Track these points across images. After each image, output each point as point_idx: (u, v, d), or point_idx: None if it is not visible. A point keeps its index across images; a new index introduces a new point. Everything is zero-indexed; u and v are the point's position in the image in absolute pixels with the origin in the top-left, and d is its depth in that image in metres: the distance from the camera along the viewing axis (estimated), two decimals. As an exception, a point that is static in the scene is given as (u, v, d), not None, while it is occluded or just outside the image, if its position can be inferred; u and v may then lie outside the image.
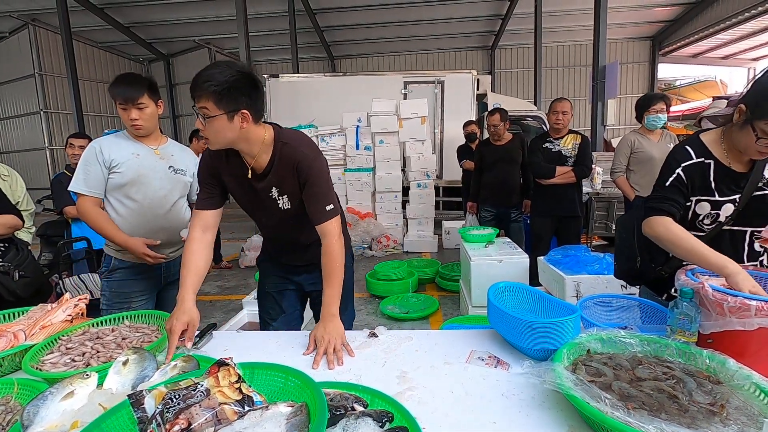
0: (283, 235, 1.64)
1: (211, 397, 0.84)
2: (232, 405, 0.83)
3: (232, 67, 1.29)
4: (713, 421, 0.82)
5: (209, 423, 0.79)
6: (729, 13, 10.45)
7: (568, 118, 3.37)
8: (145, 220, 1.92)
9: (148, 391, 0.86)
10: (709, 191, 1.37)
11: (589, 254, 2.68)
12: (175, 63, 13.71)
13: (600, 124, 6.85)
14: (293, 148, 1.43)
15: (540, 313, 1.37)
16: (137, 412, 0.82)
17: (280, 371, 0.97)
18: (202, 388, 0.86)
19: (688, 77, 15.39)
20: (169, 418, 0.79)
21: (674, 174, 1.39)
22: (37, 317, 1.39)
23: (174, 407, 0.81)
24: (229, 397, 0.85)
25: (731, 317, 1.01)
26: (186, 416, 0.80)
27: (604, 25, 6.67)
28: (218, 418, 0.81)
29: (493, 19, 11.76)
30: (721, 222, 1.37)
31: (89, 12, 10.06)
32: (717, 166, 1.37)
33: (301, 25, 10.96)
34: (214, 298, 4.59)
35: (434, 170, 6.83)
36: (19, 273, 2.03)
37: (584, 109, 12.94)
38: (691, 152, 1.39)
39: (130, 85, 1.83)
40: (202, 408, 0.82)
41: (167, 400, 0.83)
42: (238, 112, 1.30)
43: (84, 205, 1.87)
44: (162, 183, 1.94)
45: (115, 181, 1.86)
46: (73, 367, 1.15)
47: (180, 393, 0.85)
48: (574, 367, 1.02)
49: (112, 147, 1.87)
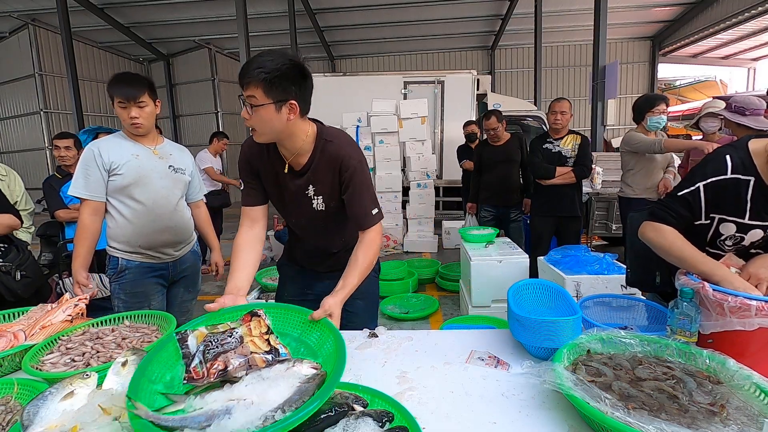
0: (311, 237, 1.57)
1: (243, 345, 0.97)
2: (261, 354, 0.95)
3: (284, 55, 1.25)
4: (713, 421, 0.82)
5: (242, 367, 0.91)
6: (729, 13, 10.45)
7: (567, 118, 3.36)
8: (151, 220, 1.92)
9: (191, 331, 1.01)
10: (740, 212, 1.19)
11: (589, 254, 2.67)
12: (175, 63, 13.69)
13: (600, 124, 6.85)
14: (337, 146, 1.38)
15: (554, 312, 1.37)
16: (183, 348, 0.97)
17: (328, 329, 1.11)
18: (237, 335, 1.00)
19: (688, 77, 15.39)
20: (209, 358, 0.92)
21: (692, 187, 1.22)
22: (37, 317, 1.39)
23: (213, 350, 0.94)
24: (259, 347, 0.97)
25: (731, 317, 1.01)
26: (223, 360, 0.92)
27: (604, 25, 6.67)
28: (249, 364, 0.92)
29: (493, 19, 11.75)
30: (745, 246, 1.24)
31: (89, 12, 10.06)
32: (759, 184, 1.16)
33: (301, 25, 10.95)
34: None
35: (434, 170, 6.83)
36: (20, 273, 2.03)
37: (584, 109, 12.95)
38: (728, 165, 1.18)
39: (130, 83, 1.82)
40: (237, 354, 0.94)
41: (207, 342, 0.97)
42: (286, 103, 1.25)
43: (84, 212, 1.86)
44: (164, 182, 1.94)
45: (116, 183, 1.85)
46: (73, 367, 1.15)
47: (218, 337, 0.99)
48: (574, 367, 1.02)
49: (111, 149, 1.85)
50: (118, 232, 1.91)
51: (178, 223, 2.02)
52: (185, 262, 2.10)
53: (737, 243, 1.24)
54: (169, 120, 13.68)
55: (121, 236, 1.91)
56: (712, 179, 1.20)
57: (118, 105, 1.83)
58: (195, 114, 13.61)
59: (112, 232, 1.93)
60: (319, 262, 1.62)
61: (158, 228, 1.94)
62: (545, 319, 1.16)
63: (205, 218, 2.29)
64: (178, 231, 2.02)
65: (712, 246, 1.29)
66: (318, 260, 1.61)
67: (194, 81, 13.32)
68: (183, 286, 2.14)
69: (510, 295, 1.35)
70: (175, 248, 2.03)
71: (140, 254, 1.94)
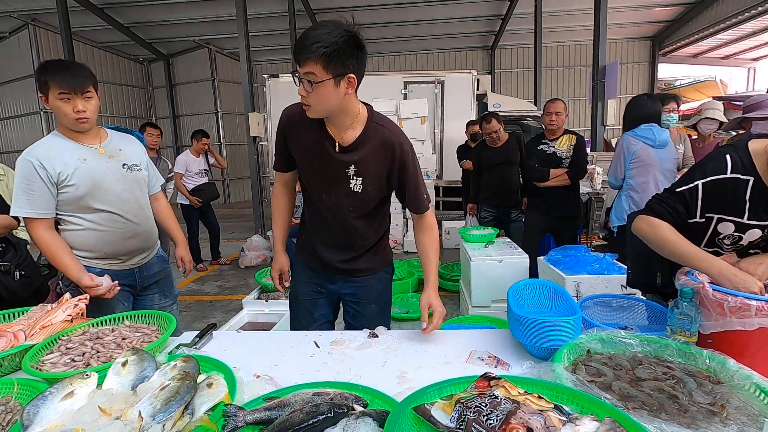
0: (334, 219, 1.50)
1: (523, 404, 0.82)
2: (553, 412, 0.81)
3: (339, 26, 1.20)
4: (713, 421, 0.82)
5: (543, 429, 0.77)
6: (729, 13, 10.44)
7: (563, 118, 3.37)
8: (117, 227, 1.73)
9: (429, 404, 0.87)
10: (739, 212, 1.19)
11: (589, 254, 2.67)
12: (175, 63, 13.69)
13: (600, 124, 6.84)
14: (390, 131, 1.40)
15: (554, 312, 1.37)
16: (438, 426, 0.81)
17: None
18: (498, 396, 0.84)
19: (688, 77, 15.36)
20: (494, 424, 0.76)
21: (692, 185, 1.23)
22: (37, 317, 1.39)
23: (493, 414, 0.78)
24: (542, 405, 0.83)
25: (731, 317, 1.01)
26: (519, 422, 0.76)
27: (604, 25, 6.66)
28: (547, 425, 0.77)
29: (493, 19, 11.74)
30: (743, 245, 1.24)
31: (89, 12, 10.05)
32: (757, 184, 1.16)
33: (301, 25, 10.93)
34: (214, 298, 4.59)
35: (434, 170, 6.83)
36: (19, 272, 2.03)
37: (584, 109, 12.94)
38: (728, 164, 1.18)
39: (74, 72, 1.59)
40: (527, 413, 0.79)
41: (467, 407, 0.81)
42: (345, 77, 1.22)
43: (35, 231, 1.61)
44: (122, 185, 1.73)
45: (69, 195, 1.61)
46: (73, 367, 1.15)
47: (476, 401, 0.82)
48: (575, 368, 1.02)
49: (53, 157, 1.58)
50: (77, 240, 1.70)
51: (147, 228, 1.85)
52: (152, 268, 1.93)
53: (735, 242, 1.24)
54: (170, 120, 13.67)
55: (84, 244, 1.71)
56: (711, 178, 1.20)
57: (58, 97, 1.56)
58: (195, 114, 13.61)
59: (71, 241, 1.69)
60: (336, 254, 1.57)
61: (127, 235, 1.77)
62: (545, 319, 1.16)
63: (167, 211, 2.07)
64: (147, 236, 1.86)
65: (710, 245, 1.29)
66: (334, 251, 1.57)
67: (194, 81, 13.31)
68: (158, 292, 1.98)
69: (510, 295, 1.35)
70: (142, 255, 1.87)
71: (103, 260, 1.76)
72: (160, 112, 14.03)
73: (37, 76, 1.59)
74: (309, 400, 0.91)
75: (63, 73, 1.57)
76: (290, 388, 1.03)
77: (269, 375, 1.16)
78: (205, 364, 1.10)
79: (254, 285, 3.57)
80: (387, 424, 0.80)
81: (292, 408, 0.90)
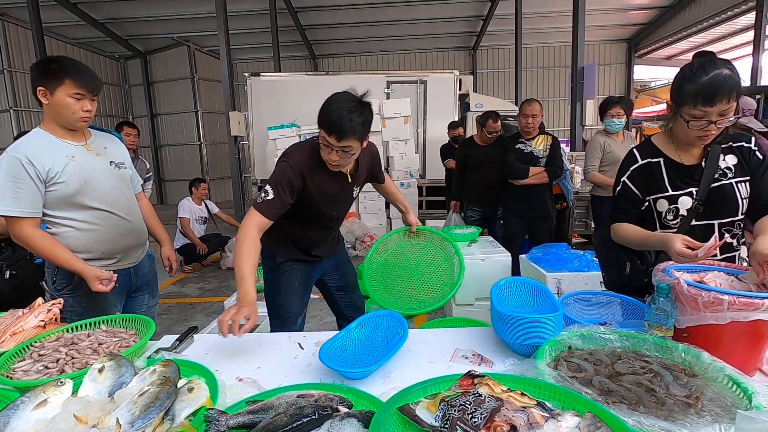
0: (336, 224, 1.92)
1: (507, 401, 0.82)
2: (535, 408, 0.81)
3: (364, 104, 1.51)
4: (689, 413, 0.85)
5: (527, 425, 0.77)
6: (701, 16, 10.79)
7: (538, 120, 3.42)
8: (112, 225, 1.71)
9: (414, 404, 0.87)
10: (663, 188, 1.44)
11: (569, 252, 2.73)
12: (153, 61, 13.37)
13: (579, 124, 6.98)
14: (368, 143, 1.68)
15: (536, 309, 1.39)
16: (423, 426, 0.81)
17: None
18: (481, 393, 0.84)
19: (662, 79, 15.83)
20: (478, 422, 0.76)
21: (619, 185, 1.52)
22: (7, 323, 1.34)
23: (478, 412, 0.79)
24: (525, 401, 0.83)
25: (705, 312, 1.04)
26: (503, 419, 0.77)
27: (582, 28, 6.80)
28: (530, 421, 0.78)
29: (474, 20, 11.86)
30: (684, 216, 1.41)
31: (61, 7, 9.74)
32: (667, 162, 1.45)
33: (283, 24, 10.83)
34: (194, 300, 4.50)
35: (417, 170, 6.85)
36: (10, 272, 1.96)
37: (563, 110, 13.18)
38: (636, 155, 1.49)
39: (91, 73, 1.63)
40: (511, 411, 0.79)
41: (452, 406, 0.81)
42: (367, 138, 1.58)
43: (23, 231, 1.53)
44: (111, 182, 1.71)
45: (58, 193, 1.57)
46: (46, 375, 1.11)
47: (460, 400, 0.82)
48: (556, 364, 1.04)
49: (41, 154, 1.54)
50: (72, 241, 1.64)
51: (138, 225, 1.85)
52: (144, 267, 1.92)
53: (676, 215, 1.44)
54: (147, 119, 13.35)
55: (81, 246, 1.66)
56: (629, 171, 1.50)
57: (71, 95, 1.56)
58: (174, 113, 13.32)
59: (67, 243, 1.63)
60: (326, 246, 1.93)
61: (120, 233, 1.75)
62: (528, 316, 1.18)
63: (151, 211, 2.03)
64: (140, 233, 1.86)
65: (663, 227, 1.48)
66: (325, 244, 1.92)
67: (173, 79, 13.03)
68: (147, 292, 1.97)
69: (493, 293, 1.37)
70: (136, 253, 1.86)
71: (101, 260, 1.72)
72: (138, 111, 13.69)
73: (49, 70, 1.56)
74: (293, 403, 0.91)
75: (82, 72, 1.59)
76: (274, 390, 1.02)
77: (252, 378, 1.14)
78: (185, 369, 1.08)
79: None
80: (372, 424, 0.80)
81: (275, 411, 0.89)
